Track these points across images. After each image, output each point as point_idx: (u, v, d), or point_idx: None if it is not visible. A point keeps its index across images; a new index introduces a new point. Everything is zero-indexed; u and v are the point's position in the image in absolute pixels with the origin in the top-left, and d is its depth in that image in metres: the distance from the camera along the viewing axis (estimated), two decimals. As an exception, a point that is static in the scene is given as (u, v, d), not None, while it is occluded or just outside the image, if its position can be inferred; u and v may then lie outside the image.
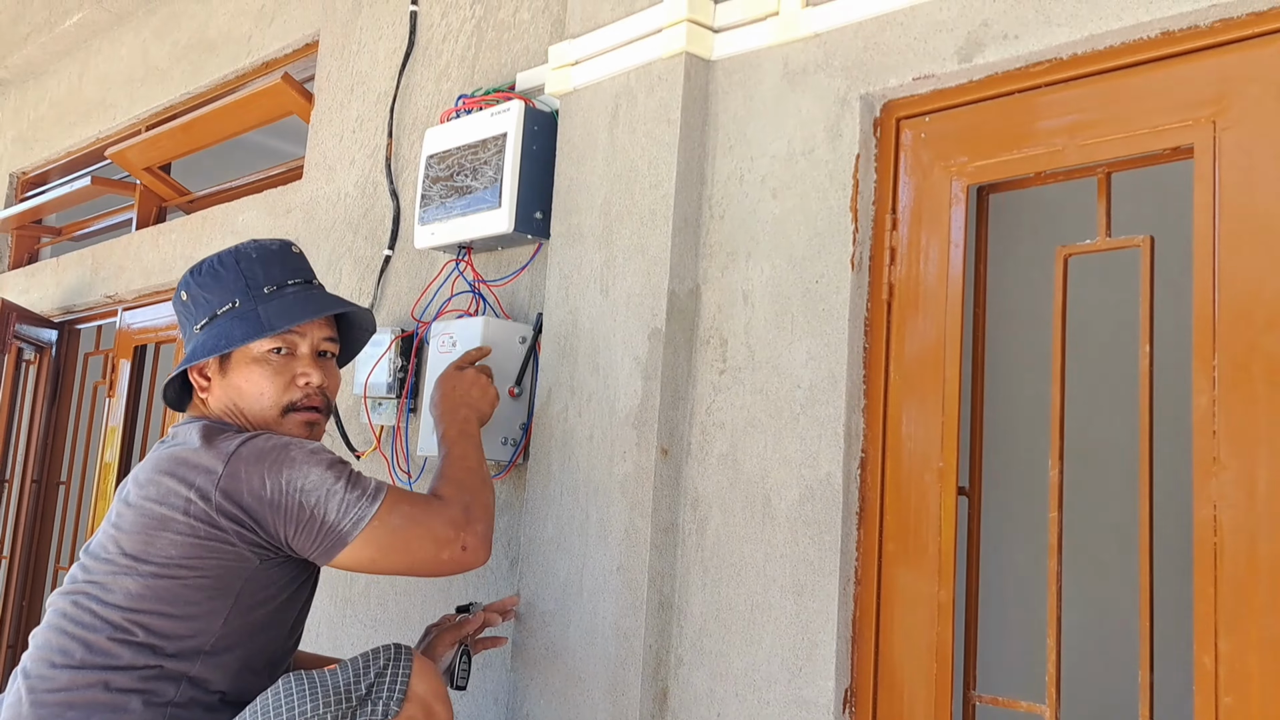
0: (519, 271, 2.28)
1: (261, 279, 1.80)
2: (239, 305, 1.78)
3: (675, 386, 1.91)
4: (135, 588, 1.59)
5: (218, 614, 1.61)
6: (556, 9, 2.32)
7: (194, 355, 1.77)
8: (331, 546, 1.63)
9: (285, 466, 1.62)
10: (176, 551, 1.59)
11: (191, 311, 1.81)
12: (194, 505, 1.59)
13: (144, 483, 1.65)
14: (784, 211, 1.83)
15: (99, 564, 1.63)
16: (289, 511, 1.60)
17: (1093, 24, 1.50)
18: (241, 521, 1.60)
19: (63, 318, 4.33)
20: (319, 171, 2.97)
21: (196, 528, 1.59)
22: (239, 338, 1.75)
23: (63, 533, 4.31)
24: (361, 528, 1.62)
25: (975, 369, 1.75)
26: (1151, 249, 1.53)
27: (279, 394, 1.77)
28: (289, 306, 1.78)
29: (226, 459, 1.61)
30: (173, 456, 1.66)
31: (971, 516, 1.71)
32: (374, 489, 1.66)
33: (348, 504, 1.62)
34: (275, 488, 1.60)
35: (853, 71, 1.77)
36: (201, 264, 1.83)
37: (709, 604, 1.82)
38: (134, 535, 1.61)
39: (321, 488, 1.62)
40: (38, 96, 4.79)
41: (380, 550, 1.65)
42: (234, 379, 1.77)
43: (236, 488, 1.60)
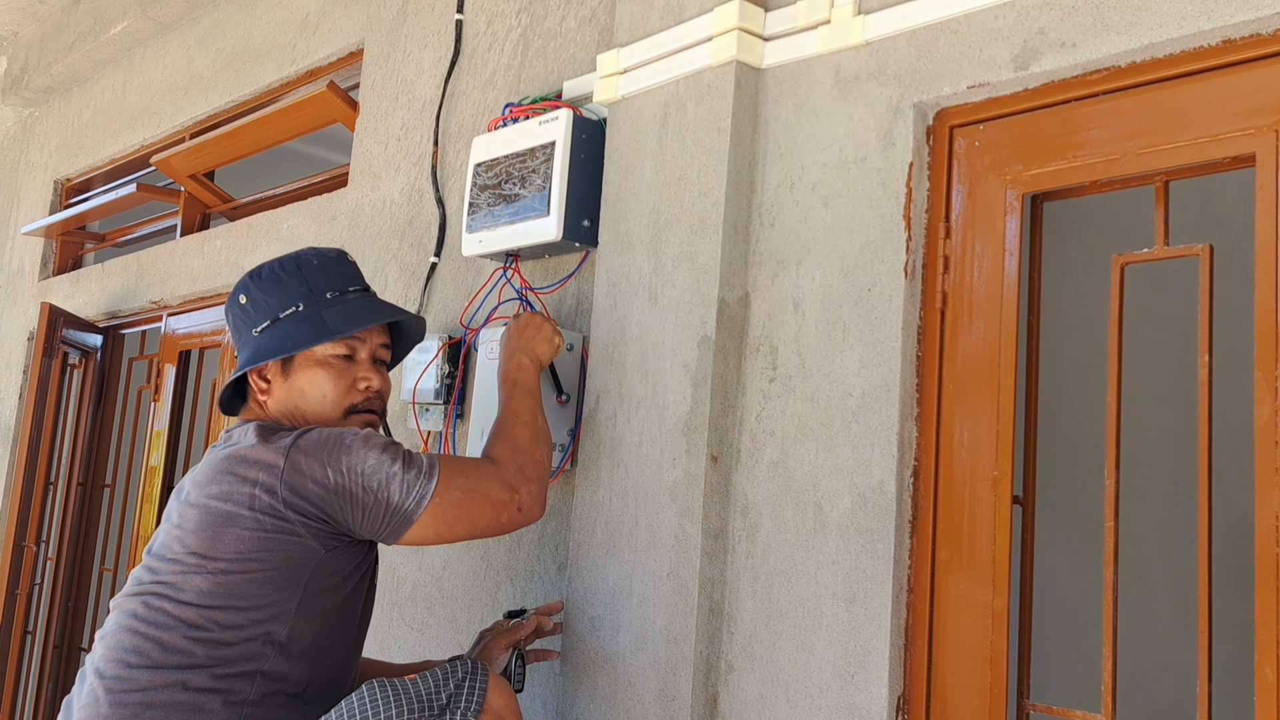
0: (566, 279, 2.30)
1: (324, 284, 1.84)
2: (303, 309, 1.82)
3: (725, 394, 1.91)
4: (206, 585, 1.62)
5: (288, 606, 1.65)
6: (603, 17, 2.34)
7: (258, 356, 1.80)
8: (400, 526, 1.69)
9: (343, 454, 1.67)
10: (244, 547, 1.62)
11: (250, 315, 1.84)
12: (259, 500, 1.63)
13: (204, 482, 1.68)
14: (835, 219, 1.84)
15: (166, 564, 1.67)
16: (354, 496, 1.65)
17: (1152, 32, 1.50)
18: (308, 512, 1.64)
19: (108, 323, 4.38)
20: (364, 179, 3.00)
21: (263, 521, 1.63)
22: (306, 340, 1.79)
23: (108, 535, 4.37)
24: (425, 505, 1.68)
25: (1029, 377, 1.75)
26: (1211, 257, 1.52)
27: (341, 396, 1.83)
28: (353, 312, 1.84)
29: (285, 453, 1.65)
30: (232, 455, 1.70)
31: (1025, 525, 1.71)
32: (428, 465, 1.72)
33: (408, 484, 1.68)
34: (338, 475, 1.65)
35: (906, 79, 1.77)
36: (260, 269, 1.87)
37: (759, 610, 1.83)
38: (199, 534, 1.65)
39: (381, 470, 1.67)
40: (82, 104, 4.85)
41: (444, 523, 1.71)
42: (297, 381, 1.82)
43: (300, 480, 1.64)
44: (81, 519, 4.40)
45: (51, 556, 4.39)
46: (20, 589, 4.17)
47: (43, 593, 4.37)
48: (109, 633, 1.68)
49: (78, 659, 4.31)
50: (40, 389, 4.16)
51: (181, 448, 3.92)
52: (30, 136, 5.30)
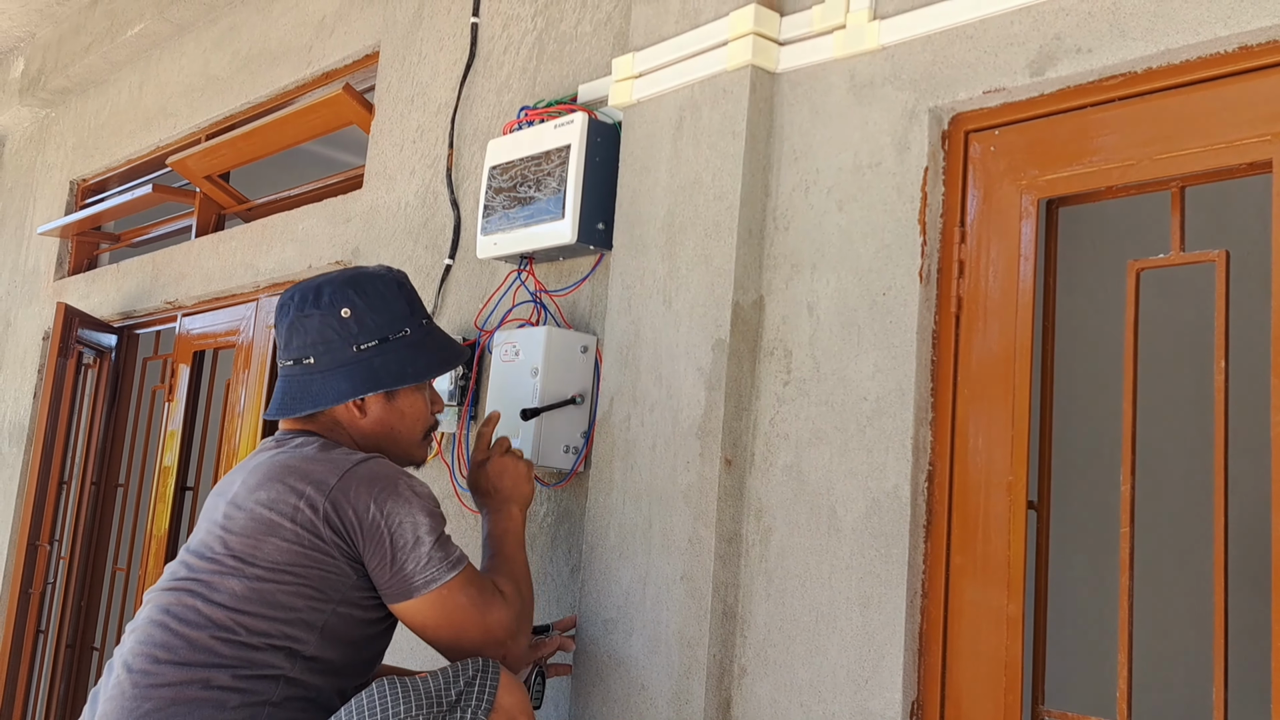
0: (581, 282, 2.30)
1: (420, 309, 1.92)
2: (410, 334, 1.86)
3: (739, 397, 1.92)
4: (240, 589, 1.64)
5: (316, 620, 1.66)
6: (618, 21, 2.34)
7: (376, 378, 1.80)
8: (398, 593, 1.69)
9: (391, 498, 1.69)
10: (282, 557, 1.64)
11: (353, 330, 1.82)
12: (301, 514, 1.65)
13: (255, 486, 1.70)
14: (850, 223, 1.84)
15: (204, 563, 1.68)
16: (378, 542, 1.67)
17: (1169, 38, 1.50)
18: (341, 534, 1.66)
19: (123, 323, 4.40)
20: (379, 181, 3.01)
21: (302, 536, 1.65)
22: (425, 370, 1.87)
23: (120, 535, 4.39)
24: (431, 589, 1.69)
25: (1044, 383, 1.75)
26: (1227, 263, 1.52)
27: (428, 419, 1.93)
28: (449, 344, 1.94)
29: (341, 474, 1.68)
30: (288, 464, 1.71)
31: (1040, 530, 1.71)
32: (457, 558, 1.73)
33: (430, 560, 1.69)
34: (376, 515, 1.67)
35: (921, 84, 1.77)
36: (358, 281, 1.85)
37: (773, 614, 1.83)
38: (243, 538, 1.66)
39: (414, 534, 1.69)
40: (99, 105, 4.88)
41: (436, 618, 1.70)
42: (400, 404, 1.87)
43: (343, 502, 1.66)
44: (95, 518, 4.42)
45: (64, 555, 4.41)
46: (34, 588, 4.19)
47: (55, 592, 4.39)
48: (139, 626, 1.69)
49: (90, 658, 4.33)
50: (55, 388, 4.18)
51: (195, 448, 3.94)
52: (47, 137, 5.33)
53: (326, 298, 1.83)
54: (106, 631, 4.31)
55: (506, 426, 2.17)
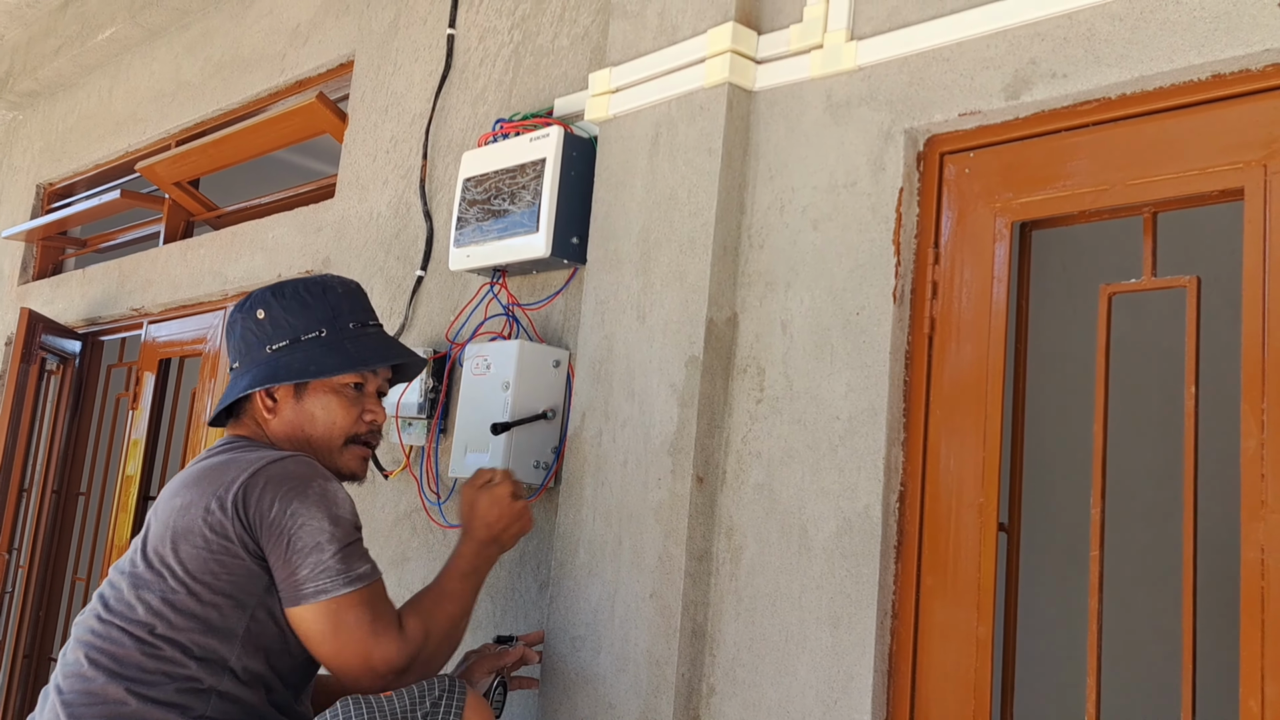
0: (554, 296, 2.29)
1: (347, 314, 1.86)
2: (325, 335, 1.83)
3: (712, 415, 1.91)
4: (156, 602, 1.62)
5: (236, 627, 1.62)
6: (596, 36, 2.34)
7: (275, 375, 1.79)
8: (288, 597, 1.63)
9: (298, 498, 1.63)
10: (194, 565, 1.61)
11: (267, 331, 1.82)
12: (212, 515, 1.62)
13: (173, 494, 1.69)
14: (825, 242, 1.84)
15: (124, 578, 1.66)
16: (277, 540, 1.61)
17: (1143, 65, 1.51)
18: (247, 529, 1.62)
19: (87, 329, 4.35)
20: (351, 190, 2.99)
21: (211, 540, 1.61)
22: (330, 367, 1.81)
23: (81, 544, 4.32)
24: (318, 600, 1.61)
25: (1016, 404, 1.75)
26: (1198, 289, 1.53)
27: (349, 425, 1.84)
28: (375, 347, 1.87)
29: (253, 471, 1.64)
30: (206, 468, 1.70)
31: (1010, 552, 1.71)
32: (359, 574, 1.63)
33: (324, 570, 1.61)
34: (279, 513, 1.61)
35: (897, 105, 1.78)
36: (283, 287, 1.86)
37: (743, 634, 1.82)
38: (158, 548, 1.64)
39: (314, 539, 1.61)
40: (67, 109, 4.83)
41: (319, 631, 1.62)
42: (309, 405, 1.82)
43: (249, 497, 1.62)
44: (55, 527, 4.35)
45: (23, 564, 4.34)
46: (-9, 597, 4.11)
47: (13, 601, 4.31)
48: (69, 649, 1.68)
49: (47, 668, 4.26)
50: (17, 395, 4.11)
51: (159, 457, 3.89)
52: (13, 140, 5.26)
53: (249, 303, 1.86)
54: (64, 642, 4.23)
55: (475, 440, 2.15)
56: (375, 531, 2.57)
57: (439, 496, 2.44)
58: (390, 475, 2.56)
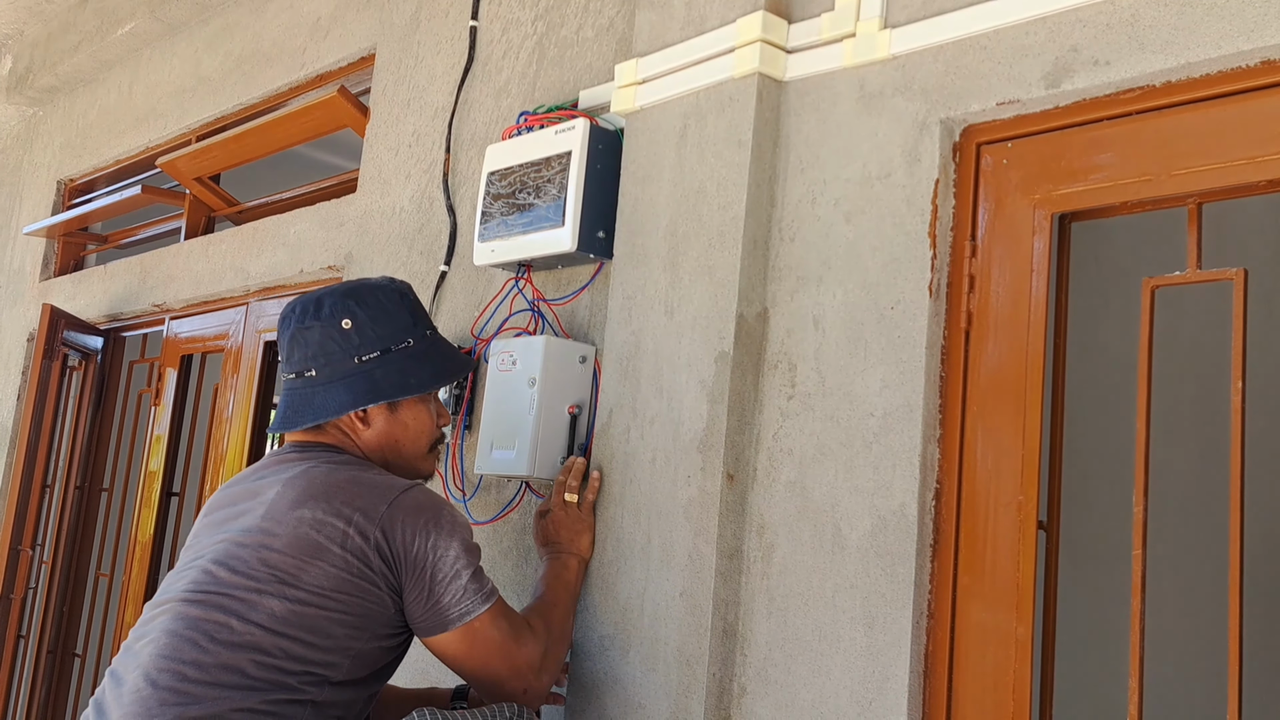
0: (580, 291, 2.27)
1: (422, 320, 1.89)
2: (414, 345, 1.84)
3: (742, 411, 1.88)
4: (281, 610, 1.60)
5: (349, 650, 1.64)
6: (621, 27, 2.31)
7: (378, 389, 1.79)
8: (432, 626, 1.69)
9: (435, 529, 1.68)
10: (328, 583, 1.62)
11: (354, 341, 1.80)
12: (351, 540, 1.63)
13: (295, 503, 1.66)
14: (858, 235, 1.81)
15: (237, 578, 1.62)
16: (421, 573, 1.66)
17: (1189, 51, 1.47)
18: (389, 563, 1.65)
19: (109, 325, 4.35)
20: (374, 185, 2.97)
21: (351, 563, 1.63)
22: (428, 381, 1.85)
23: (104, 540, 4.33)
24: (465, 622, 1.69)
25: (1055, 401, 1.72)
26: (1245, 282, 1.49)
27: (433, 432, 1.91)
28: (453, 356, 1.92)
29: (390, 503, 1.67)
30: (330, 483, 1.68)
31: (1050, 551, 1.68)
32: (489, 590, 1.73)
33: (466, 593, 1.69)
34: (420, 546, 1.66)
35: (932, 95, 1.74)
36: (359, 293, 1.84)
37: (775, 633, 1.79)
38: (285, 556, 1.62)
39: (454, 567, 1.68)
40: (87, 104, 4.82)
41: (466, 651, 1.71)
42: (403, 416, 1.86)
43: (392, 530, 1.65)
44: (78, 523, 4.36)
45: (47, 560, 4.35)
46: (15, 592, 4.12)
47: (37, 596, 4.32)
48: (158, 635, 1.61)
49: (71, 664, 4.26)
50: (39, 391, 4.12)
51: (181, 453, 3.88)
52: (34, 136, 5.27)
53: (327, 309, 1.82)
54: (88, 637, 4.24)
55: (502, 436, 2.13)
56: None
57: (464, 494, 2.42)
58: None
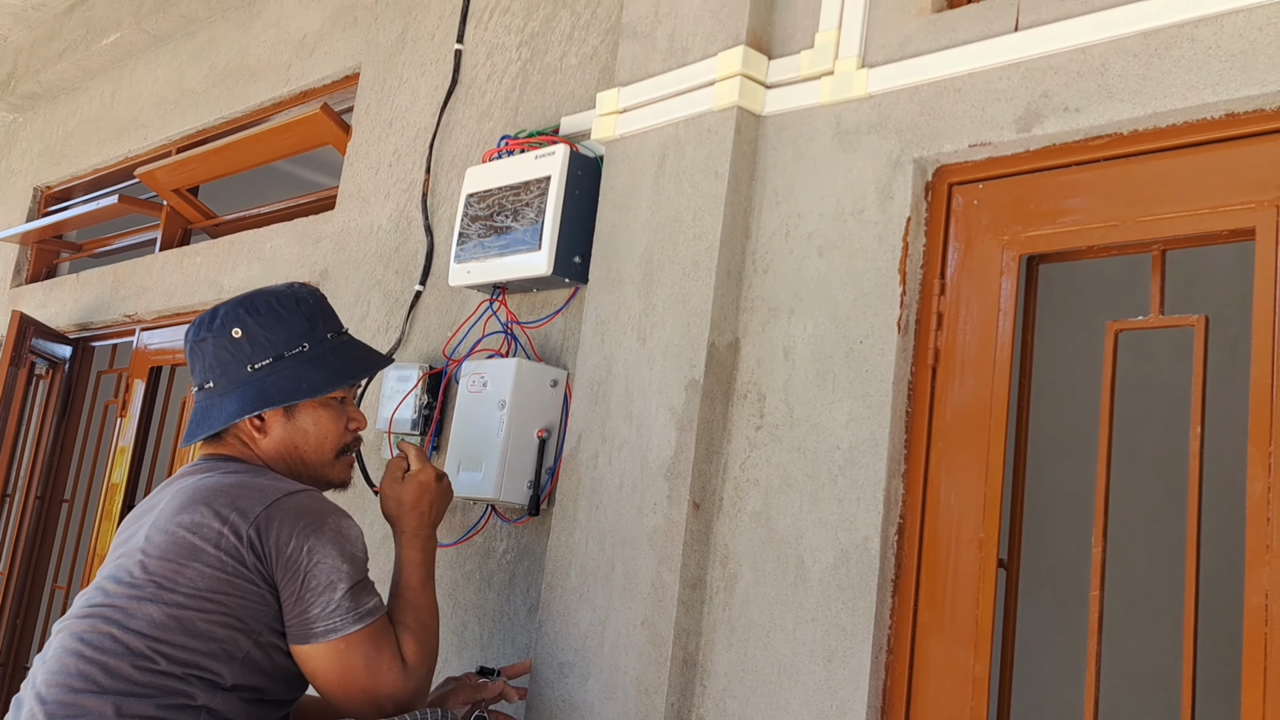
0: (554, 314, 2.27)
1: (322, 325, 1.85)
2: (308, 350, 1.81)
3: (710, 440, 1.89)
4: (159, 616, 1.58)
5: (237, 651, 1.61)
6: (604, 56, 2.33)
7: (267, 396, 1.77)
8: (297, 635, 1.64)
9: (314, 535, 1.63)
10: (204, 583, 1.59)
11: (245, 350, 1.79)
12: (226, 539, 1.60)
13: (178, 509, 1.64)
14: (830, 270, 1.82)
15: (121, 588, 1.62)
16: (292, 577, 1.62)
17: (1156, 101, 1.50)
18: (262, 561, 1.61)
19: (79, 334, 4.31)
20: (352, 203, 2.97)
21: (225, 562, 1.60)
22: (321, 384, 1.80)
23: (63, 552, 4.27)
24: (329, 639, 1.63)
25: (1019, 439, 1.73)
26: (1206, 329, 1.51)
27: (339, 437, 1.85)
28: (357, 356, 1.87)
29: (269, 503, 1.63)
30: (214, 488, 1.66)
31: (1009, 589, 1.69)
32: (368, 610, 1.66)
33: (337, 609, 1.63)
34: (296, 549, 1.62)
35: (907, 134, 1.77)
36: (254, 302, 1.82)
37: (734, 664, 1.79)
38: (163, 561, 1.61)
39: (328, 578, 1.63)
40: (68, 112, 4.81)
41: (326, 668, 1.64)
42: (300, 422, 1.81)
43: (268, 529, 1.62)
44: (37, 534, 4.29)
45: (3, 570, 4.28)
46: (-31, 602, 4.06)
47: (-8, 607, 4.25)
48: (52, 656, 1.63)
49: (22, 678, 4.19)
50: (5, 398, 4.07)
51: (146, 465, 3.84)
52: (13, 142, 5.24)
53: (219, 320, 1.81)
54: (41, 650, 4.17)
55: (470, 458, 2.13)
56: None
57: (429, 514, 2.40)
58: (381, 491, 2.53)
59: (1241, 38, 1.44)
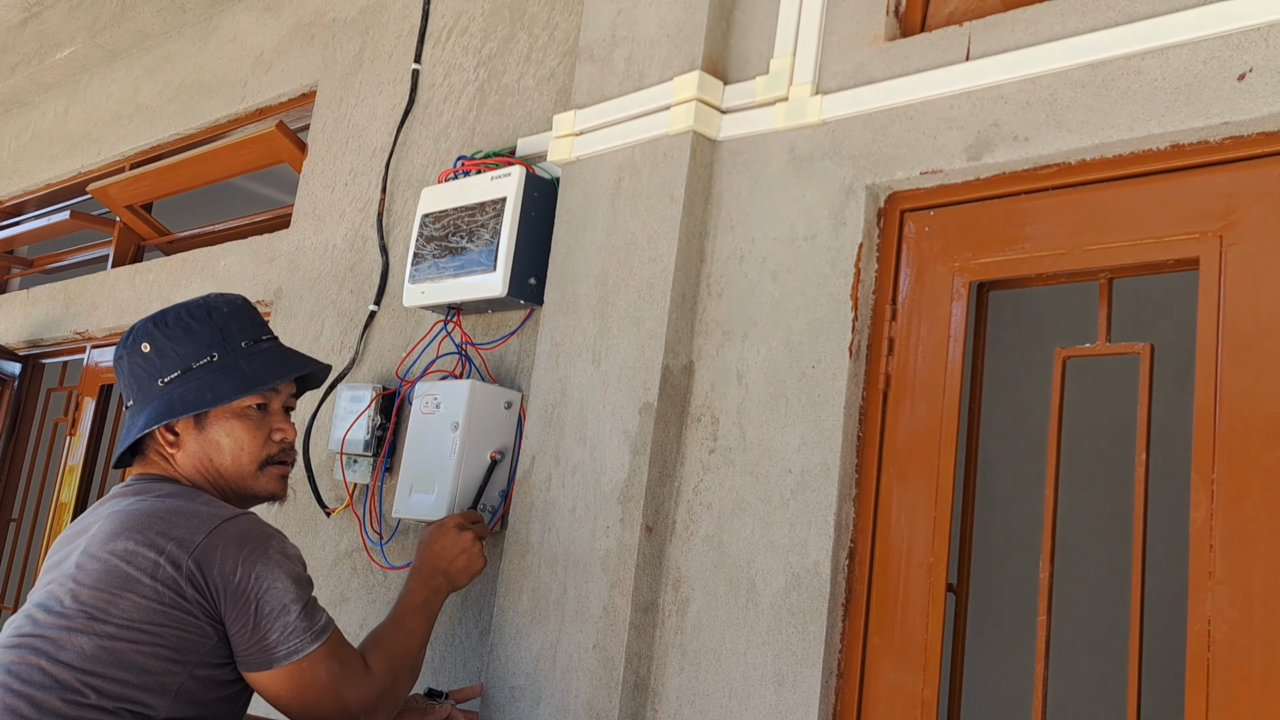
0: (509, 336, 2.26)
1: (236, 333, 1.79)
2: (218, 359, 1.76)
3: (664, 463, 1.88)
4: (90, 647, 1.53)
5: (171, 683, 1.56)
6: (561, 78, 2.33)
7: (172, 409, 1.72)
8: (257, 662, 1.61)
9: (260, 561, 1.60)
10: (138, 614, 1.54)
11: (155, 365, 1.75)
12: (162, 570, 1.55)
13: (111, 535, 1.59)
14: (783, 294, 1.83)
15: (51, 618, 1.57)
16: (243, 606, 1.58)
17: (1104, 132, 1.52)
18: (204, 594, 1.57)
19: (28, 351, 4.24)
20: (308, 221, 2.95)
21: (162, 593, 1.55)
22: (227, 393, 1.74)
23: (9, 572, 4.19)
24: (292, 660, 1.61)
25: (968, 465, 1.74)
26: (1151, 356, 1.53)
27: (259, 448, 1.79)
28: (271, 362, 1.80)
29: (208, 531, 1.59)
30: (147, 514, 1.61)
31: (959, 614, 1.70)
32: (321, 626, 1.65)
33: (294, 631, 1.61)
34: (244, 577, 1.58)
35: (860, 161, 1.78)
36: (164, 315, 1.79)
37: (686, 688, 1.78)
38: (95, 591, 1.55)
39: (280, 601, 1.60)
40: (20, 126, 4.74)
41: (292, 690, 1.62)
42: (213, 434, 1.76)
43: (209, 560, 1.57)
44: (-18, 553, 4.21)
45: (-53, 591, 4.19)
46: (-90, 624, 3.97)
47: (-66, 629, 4.16)
48: None
49: (-35, 701, 4.10)
50: (-50, 415, 4.00)
51: (95, 484, 3.78)
52: (-37, 155, 5.16)
53: (132, 338, 1.78)
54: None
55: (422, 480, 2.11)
56: (314, 571, 2.49)
57: (381, 537, 2.38)
58: (332, 513, 2.51)
59: (1186, 71, 1.47)
